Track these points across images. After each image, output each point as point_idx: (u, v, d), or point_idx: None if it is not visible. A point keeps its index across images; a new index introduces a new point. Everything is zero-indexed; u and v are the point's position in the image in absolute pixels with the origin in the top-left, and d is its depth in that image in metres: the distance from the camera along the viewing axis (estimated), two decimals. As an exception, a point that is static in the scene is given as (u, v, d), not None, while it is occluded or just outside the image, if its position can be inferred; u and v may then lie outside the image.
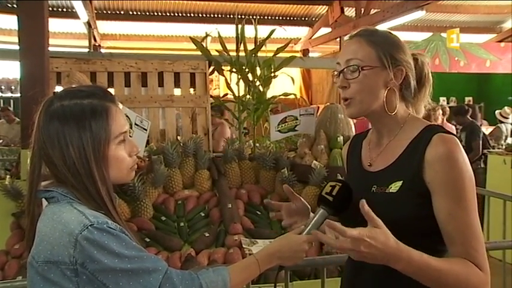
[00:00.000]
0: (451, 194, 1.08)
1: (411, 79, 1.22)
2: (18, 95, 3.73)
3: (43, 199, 1.11)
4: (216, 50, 3.69)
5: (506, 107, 7.34)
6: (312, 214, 1.33)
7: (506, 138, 6.82)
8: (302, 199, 1.37)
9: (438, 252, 1.14)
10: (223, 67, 3.70)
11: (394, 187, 1.15)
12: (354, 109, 1.21)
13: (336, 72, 1.24)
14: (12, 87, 8.81)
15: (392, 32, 1.27)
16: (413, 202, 1.12)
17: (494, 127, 7.28)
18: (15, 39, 3.17)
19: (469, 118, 6.27)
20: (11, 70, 8.68)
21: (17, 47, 3.12)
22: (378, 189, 1.19)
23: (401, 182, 1.14)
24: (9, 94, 8.85)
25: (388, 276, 1.11)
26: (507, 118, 7.18)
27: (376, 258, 1.00)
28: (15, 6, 7.51)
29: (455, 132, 6.09)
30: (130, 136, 1.18)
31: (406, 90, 1.23)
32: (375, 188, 1.20)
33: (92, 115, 1.07)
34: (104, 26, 9.71)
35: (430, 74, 1.29)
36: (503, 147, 6.00)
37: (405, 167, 1.16)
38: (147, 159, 2.88)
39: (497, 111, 7.36)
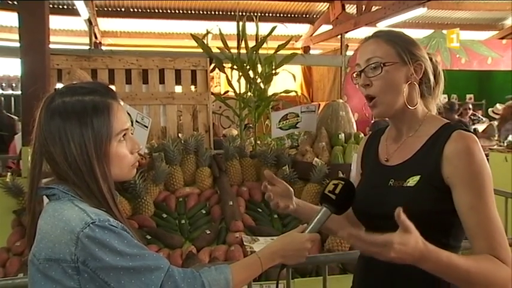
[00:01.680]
0: (471, 188, 1.10)
1: (430, 74, 1.26)
2: (19, 92, 3.72)
3: (44, 196, 1.10)
4: (217, 47, 3.68)
5: (497, 104, 7.35)
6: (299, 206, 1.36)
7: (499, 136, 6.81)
8: (284, 182, 1.38)
9: (452, 248, 1.15)
10: (224, 64, 3.69)
11: (412, 181, 1.17)
12: (380, 108, 1.24)
13: (355, 74, 1.28)
14: (13, 85, 8.82)
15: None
16: (429, 196, 1.14)
17: (487, 124, 7.29)
18: (16, 36, 3.17)
19: (456, 117, 6.33)
20: (11, 67, 8.69)
21: (17, 45, 3.12)
22: (395, 183, 1.21)
23: (419, 176, 1.16)
24: (10, 91, 8.86)
25: (400, 272, 1.11)
26: (499, 115, 7.18)
27: (404, 260, 0.99)
28: (15, 3, 7.50)
29: None
30: (131, 133, 1.17)
31: (425, 86, 1.26)
32: (392, 181, 1.22)
33: (93, 112, 1.06)
34: (105, 23, 9.70)
35: (442, 73, 1.32)
36: (505, 144, 5.99)
37: (423, 162, 1.18)
38: (148, 156, 2.87)
39: (489, 109, 7.37)
